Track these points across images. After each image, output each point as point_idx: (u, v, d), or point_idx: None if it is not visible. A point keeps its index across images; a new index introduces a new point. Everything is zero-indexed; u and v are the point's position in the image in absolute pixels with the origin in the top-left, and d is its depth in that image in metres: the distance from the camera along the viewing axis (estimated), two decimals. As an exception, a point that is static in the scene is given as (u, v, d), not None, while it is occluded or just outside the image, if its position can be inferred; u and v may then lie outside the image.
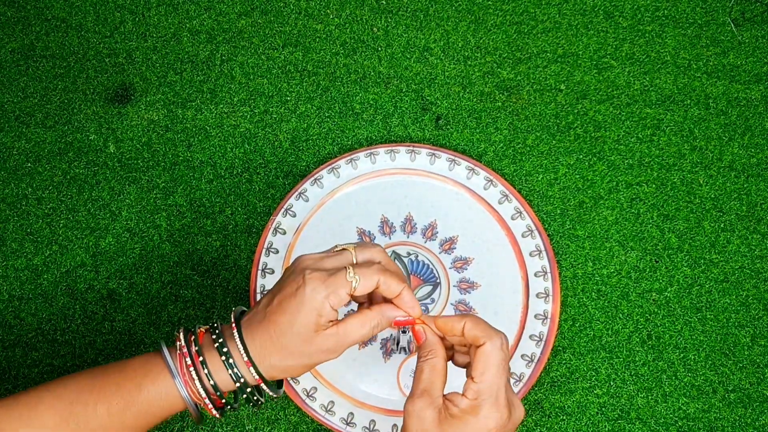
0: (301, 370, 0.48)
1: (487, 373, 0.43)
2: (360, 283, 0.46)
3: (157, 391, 0.47)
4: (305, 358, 0.47)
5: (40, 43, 0.76)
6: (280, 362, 0.47)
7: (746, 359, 0.64)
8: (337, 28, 0.77)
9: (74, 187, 0.71)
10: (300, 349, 0.46)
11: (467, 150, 0.72)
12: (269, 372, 0.47)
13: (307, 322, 0.45)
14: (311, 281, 0.46)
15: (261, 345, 0.47)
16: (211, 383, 0.47)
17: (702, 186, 0.70)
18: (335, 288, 0.46)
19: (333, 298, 0.45)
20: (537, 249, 0.67)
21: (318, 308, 0.45)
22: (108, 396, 0.47)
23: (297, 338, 0.46)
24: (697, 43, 0.76)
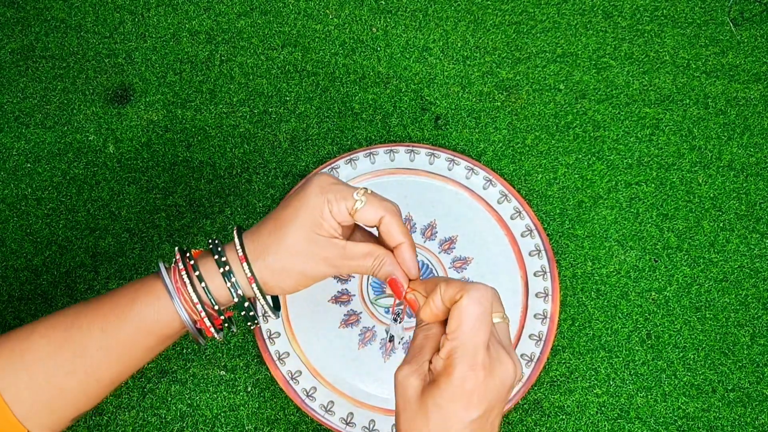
0: (296, 277, 0.45)
1: (460, 328, 0.38)
2: (364, 206, 0.45)
3: (151, 305, 0.45)
4: (303, 259, 0.45)
5: (40, 43, 0.76)
6: (277, 261, 0.45)
7: (745, 358, 0.64)
8: (336, 28, 0.77)
9: (74, 187, 0.71)
10: (299, 247, 0.45)
11: (466, 150, 0.72)
12: (264, 273, 0.45)
13: (310, 218, 0.44)
14: (318, 181, 0.45)
15: (260, 242, 0.45)
16: (205, 293, 0.45)
17: (701, 185, 0.70)
18: (339, 196, 0.45)
19: (334, 204, 0.45)
20: (536, 248, 0.67)
21: (320, 207, 0.44)
22: (103, 315, 0.45)
23: (298, 232, 0.45)
24: (696, 42, 0.76)
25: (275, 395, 0.63)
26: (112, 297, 0.46)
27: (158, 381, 0.63)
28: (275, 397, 0.63)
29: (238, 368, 0.64)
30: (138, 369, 0.48)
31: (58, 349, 0.44)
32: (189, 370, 0.64)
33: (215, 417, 0.62)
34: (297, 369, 0.63)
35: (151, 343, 0.46)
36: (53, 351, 0.44)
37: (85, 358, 0.45)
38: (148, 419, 0.62)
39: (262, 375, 0.64)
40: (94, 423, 0.62)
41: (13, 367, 0.44)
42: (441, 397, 0.38)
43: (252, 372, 0.64)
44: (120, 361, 0.46)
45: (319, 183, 0.45)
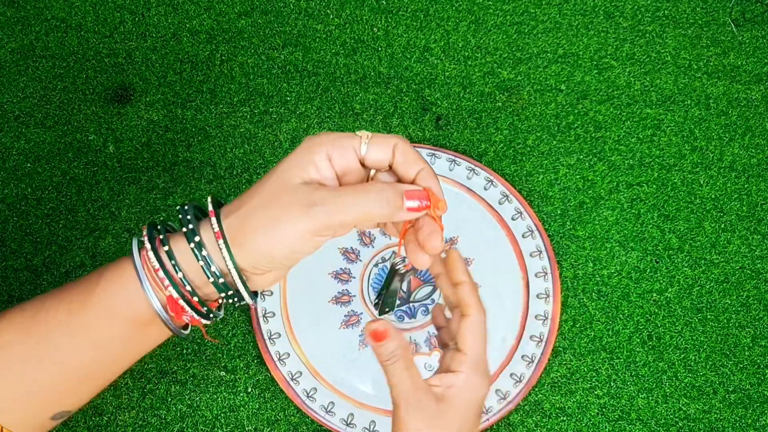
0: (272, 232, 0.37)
1: (478, 344, 0.42)
2: (371, 143, 0.37)
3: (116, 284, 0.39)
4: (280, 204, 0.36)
5: (40, 43, 0.76)
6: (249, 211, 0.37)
7: (747, 360, 0.64)
8: (337, 28, 0.77)
9: (74, 187, 0.70)
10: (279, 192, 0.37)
11: (467, 150, 0.72)
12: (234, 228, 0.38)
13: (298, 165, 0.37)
14: (312, 136, 0.38)
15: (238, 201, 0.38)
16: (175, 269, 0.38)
17: (702, 186, 0.70)
18: (339, 138, 0.37)
19: (333, 147, 0.37)
20: (537, 249, 0.66)
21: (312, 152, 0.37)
22: (68, 298, 0.40)
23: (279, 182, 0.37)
24: (698, 43, 0.76)
25: (275, 396, 0.63)
26: (80, 279, 0.41)
27: (158, 381, 0.63)
28: (275, 397, 0.63)
29: (239, 369, 0.64)
30: (123, 365, 0.43)
31: (26, 336, 0.40)
32: (189, 371, 0.64)
33: (215, 418, 0.62)
34: (297, 370, 0.63)
35: (122, 331, 0.40)
36: (20, 338, 0.40)
37: (50, 345, 0.40)
38: (148, 420, 0.62)
39: (263, 376, 0.64)
40: (93, 423, 0.62)
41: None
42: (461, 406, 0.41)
43: (252, 373, 0.64)
44: (90, 350, 0.41)
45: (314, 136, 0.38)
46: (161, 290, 0.39)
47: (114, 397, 0.63)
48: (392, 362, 0.42)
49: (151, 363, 0.63)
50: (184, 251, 0.39)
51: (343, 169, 0.38)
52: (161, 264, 0.38)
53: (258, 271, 0.39)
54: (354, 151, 0.37)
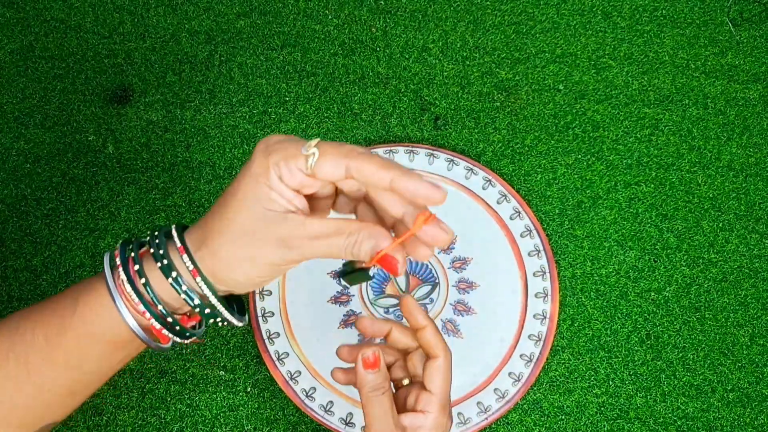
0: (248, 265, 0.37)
1: (446, 385, 0.44)
2: (318, 159, 0.35)
3: (92, 308, 0.39)
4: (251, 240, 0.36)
5: (39, 44, 0.76)
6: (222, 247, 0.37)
7: (745, 358, 0.64)
8: (336, 29, 0.77)
9: (73, 187, 0.71)
10: (246, 226, 0.36)
11: (466, 150, 0.72)
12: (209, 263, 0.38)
13: (255, 189, 0.36)
14: (262, 143, 0.37)
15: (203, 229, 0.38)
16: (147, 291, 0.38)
17: (700, 185, 0.70)
18: (286, 155, 0.35)
19: (282, 168, 0.35)
20: (536, 249, 0.67)
21: (265, 175, 0.35)
22: (45, 321, 0.40)
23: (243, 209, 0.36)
24: (696, 42, 0.76)
25: (275, 395, 0.63)
26: (57, 299, 0.41)
27: (157, 381, 0.63)
28: (275, 397, 0.63)
29: (238, 368, 0.64)
30: (105, 378, 0.43)
31: (4, 360, 0.39)
32: (188, 371, 0.64)
33: (215, 417, 0.62)
34: (296, 369, 0.63)
35: (104, 351, 0.40)
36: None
37: (30, 370, 0.40)
38: (147, 419, 0.62)
39: (262, 375, 0.64)
40: (93, 423, 0.62)
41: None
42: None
43: (251, 372, 0.64)
44: (71, 371, 0.40)
45: (264, 144, 0.36)
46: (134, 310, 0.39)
47: (113, 397, 0.63)
48: (376, 395, 0.43)
49: (151, 363, 0.64)
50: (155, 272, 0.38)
51: (299, 185, 0.36)
52: (133, 287, 0.38)
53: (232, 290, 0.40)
54: (302, 172, 0.36)
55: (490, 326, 0.65)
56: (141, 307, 0.38)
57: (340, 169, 0.35)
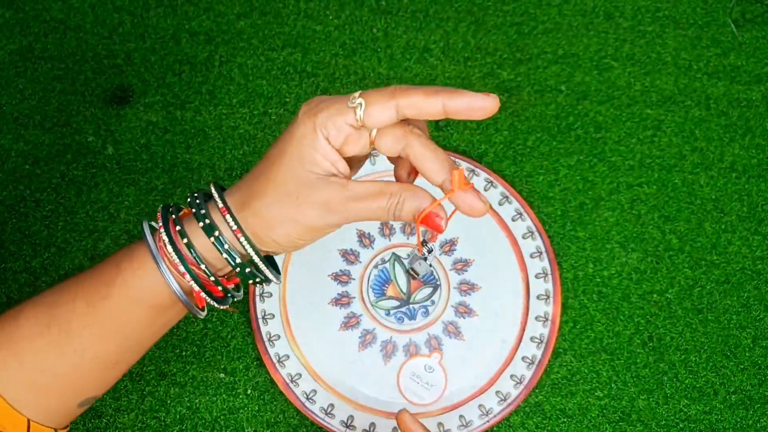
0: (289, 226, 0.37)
1: None
2: (367, 109, 0.35)
3: (135, 272, 0.39)
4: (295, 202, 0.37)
5: (39, 44, 0.76)
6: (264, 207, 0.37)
7: (748, 361, 0.64)
8: (337, 29, 0.77)
9: (73, 189, 0.70)
10: (289, 187, 0.37)
11: (467, 151, 0.72)
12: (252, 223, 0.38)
13: (299, 151, 0.36)
14: (306, 105, 0.37)
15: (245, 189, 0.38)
16: (189, 251, 0.38)
17: (703, 187, 0.70)
18: (331, 115, 0.35)
19: (329, 126, 0.35)
20: (537, 250, 0.66)
21: (310, 136, 0.36)
22: (87, 288, 0.40)
23: (287, 171, 0.37)
24: (698, 43, 0.76)
25: (275, 398, 0.63)
26: (97, 268, 0.41)
27: (157, 384, 0.63)
28: (275, 400, 0.63)
29: (238, 371, 0.63)
30: (147, 346, 0.43)
31: (45, 329, 0.40)
32: (188, 373, 0.63)
33: (215, 420, 0.62)
34: (297, 372, 0.62)
35: (146, 316, 0.41)
36: (40, 330, 0.40)
37: (72, 337, 0.40)
38: (147, 422, 0.62)
39: (262, 378, 0.63)
40: (92, 426, 0.62)
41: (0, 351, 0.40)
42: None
43: (252, 375, 0.63)
44: (113, 337, 0.41)
45: (307, 106, 0.37)
46: (176, 271, 0.39)
47: (113, 400, 0.63)
48: None
49: (150, 365, 0.63)
50: (197, 233, 0.39)
51: (343, 143, 0.36)
52: (175, 248, 0.38)
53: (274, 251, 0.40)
54: (348, 126, 0.36)
55: (492, 328, 0.64)
56: (181, 268, 0.38)
57: (390, 110, 0.35)
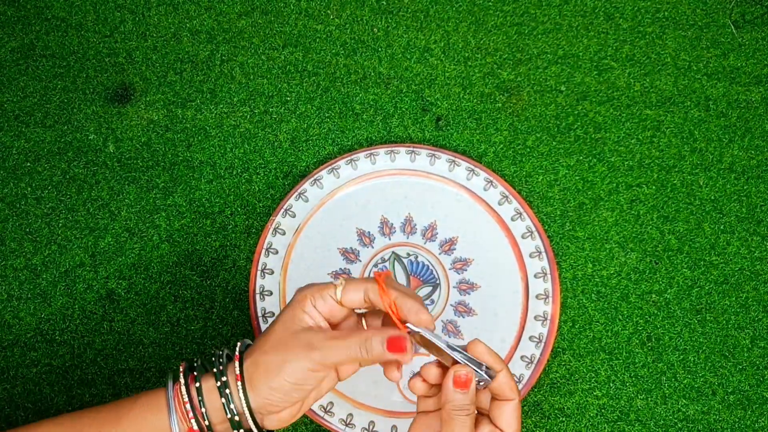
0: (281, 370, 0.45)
1: (517, 424, 0.45)
2: (345, 288, 0.46)
3: (147, 411, 0.46)
4: (285, 348, 0.45)
5: (40, 42, 0.76)
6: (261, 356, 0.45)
7: (746, 361, 0.64)
8: (338, 29, 0.77)
9: (73, 186, 0.70)
10: (282, 338, 0.46)
11: (467, 151, 0.72)
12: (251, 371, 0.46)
13: (291, 313, 0.46)
14: (297, 291, 0.48)
15: (252, 349, 0.47)
16: (206, 423, 0.46)
17: (702, 188, 0.70)
18: (320, 290, 0.47)
19: (318, 298, 0.46)
20: (537, 250, 0.66)
21: (301, 303, 0.46)
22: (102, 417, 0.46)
23: (282, 329, 0.46)
24: (698, 44, 0.76)
25: (275, 396, 0.63)
26: (114, 404, 0.48)
27: (157, 381, 0.63)
28: (275, 397, 0.63)
29: (238, 369, 0.64)
30: None
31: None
32: (188, 371, 0.63)
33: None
34: (296, 370, 0.63)
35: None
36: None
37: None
38: (147, 419, 0.62)
39: (262, 376, 0.63)
40: (92, 423, 0.62)
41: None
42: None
43: None
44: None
45: (300, 288, 0.48)
46: (185, 422, 0.46)
47: (113, 397, 0.63)
48: (461, 414, 0.44)
49: (151, 363, 0.63)
50: (210, 390, 0.46)
51: (329, 312, 0.47)
52: (190, 399, 0.46)
53: (273, 408, 0.46)
54: (331, 298, 0.46)
55: (491, 327, 0.65)
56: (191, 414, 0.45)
57: (359, 293, 0.46)
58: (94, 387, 0.63)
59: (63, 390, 0.63)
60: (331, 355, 0.45)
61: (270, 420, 0.47)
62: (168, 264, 0.67)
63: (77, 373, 0.63)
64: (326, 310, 0.47)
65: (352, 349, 0.45)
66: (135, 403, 0.47)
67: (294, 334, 0.45)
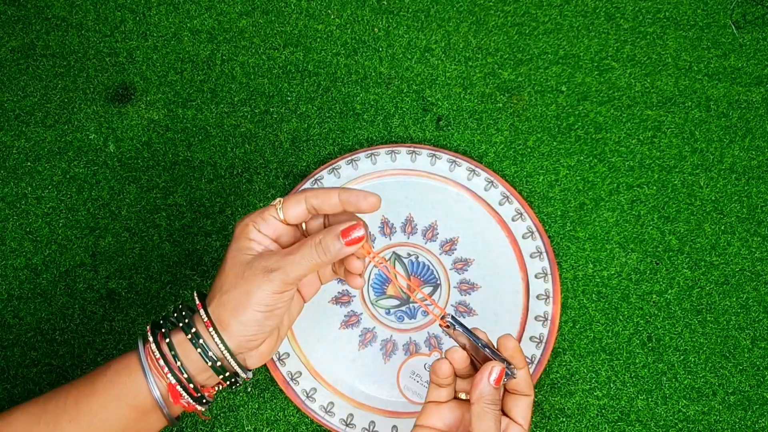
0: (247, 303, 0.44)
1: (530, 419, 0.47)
2: (284, 206, 0.45)
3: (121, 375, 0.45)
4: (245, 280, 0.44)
5: (41, 41, 0.76)
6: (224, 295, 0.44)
7: (746, 362, 0.64)
8: (338, 29, 0.77)
9: (74, 186, 0.70)
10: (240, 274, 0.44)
11: (468, 151, 0.72)
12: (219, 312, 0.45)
13: (241, 247, 0.45)
14: (238, 222, 0.46)
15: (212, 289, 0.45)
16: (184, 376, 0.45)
17: (703, 188, 0.70)
18: (259, 214, 0.45)
19: (259, 222, 0.45)
20: (537, 250, 0.66)
21: (246, 233, 0.45)
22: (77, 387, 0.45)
23: (234, 263, 0.44)
24: (699, 45, 0.76)
25: (275, 396, 0.63)
26: (90, 373, 0.46)
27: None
28: (275, 398, 0.63)
29: (238, 369, 0.64)
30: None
31: (35, 423, 0.44)
32: (189, 371, 0.63)
33: (214, 418, 0.62)
34: (297, 370, 0.63)
35: (126, 416, 0.45)
36: (29, 424, 0.44)
37: (58, 429, 0.44)
38: (147, 419, 0.62)
39: (262, 375, 0.63)
40: (93, 423, 0.62)
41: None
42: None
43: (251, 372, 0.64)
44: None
45: (238, 221, 0.47)
46: (162, 379, 0.45)
47: (113, 397, 0.63)
48: (493, 409, 0.45)
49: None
50: (182, 343, 0.45)
51: (275, 234, 0.46)
52: (162, 355, 0.44)
53: (251, 344, 0.45)
54: (274, 219, 0.45)
55: (491, 328, 0.64)
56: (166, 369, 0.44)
57: (301, 205, 0.45)
58: (94, 387, 0.63)
59: (63, 390, 0.63)
60: (291, 270, 0.43)
61: (251, 357, 0.46)
62: (168, 264, 0.67)
63: (77, 373, 0.63)
64: (271, 231, 0.45)
65: (310, 255, 0.44)
66: (108, 369, 0.45)
67: (247, 264, 0.44)
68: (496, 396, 0.45)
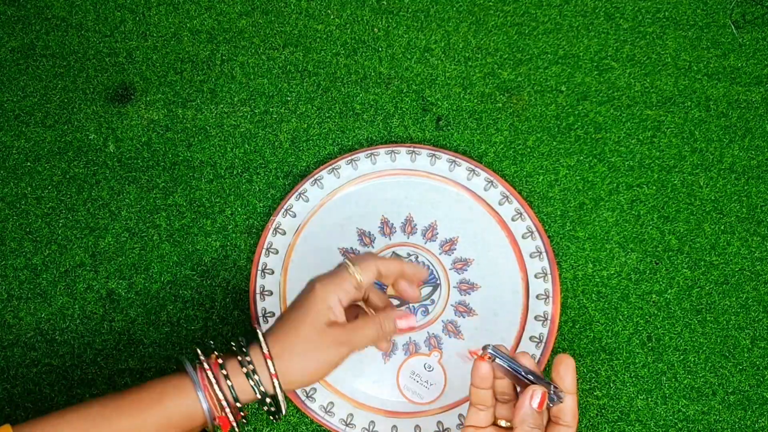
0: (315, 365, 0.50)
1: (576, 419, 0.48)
2: (361, 273, 0.52)
3: (177, 401, 0.48)
4: (318, 347, 0.50)
5: (40, 42, 0.76)
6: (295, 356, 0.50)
7: (746, 361, 0.64)
8: (338, 29, 0.77)
9: (74, 186, 0.70)
10: (314, 340, 0.50)
11: (468, 151, 0.72)
12: (285, 367, 0.50)
13: (319, 313, 0.50)
14: (319, 280, 0.52)
15: (279, 341, 0.50)
16: (230, 391, 0.49)
17: (702, 188, 0.70)
18: (340, 281, 0.51)
19: (340, 291, 0.51)
20: (537, 250, 0.66)
21: (327, 301, 0.50)
22: (129, 407, 0.48)
23: (311, 329, 0.50)
24: (698, 45, 0.76)
25: (275, 396, 0.63)
26: (139, 391, 0.49)
27: (157, 381, 0.63)
28: (275, 397, 0.63)
29: (238, 369, 0.64)
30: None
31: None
32: (188, 371, 0.63)
33: (214, 417, 0.62)
34: (297, 370, 0.63)
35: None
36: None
37: None
38: (147, 419, 0.62)
39: (262, 376, 0.63)
40: (92, 423, 0.62)
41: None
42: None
43: (252, 372, 0.64)
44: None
45: (321, 282, 0.52)
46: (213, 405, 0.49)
47: (113, 397, 0.63)
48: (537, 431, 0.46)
49: (151, 363, 0.63)
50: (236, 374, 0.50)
51: (347, 302, 0.52)
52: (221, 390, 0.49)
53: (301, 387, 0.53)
54: (353, 287, 0.52)
55: (491, 328, 0.65)
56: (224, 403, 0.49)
57: (374, 270, 0.52)
58: (94, 387, 0.63)
59: (63, 390, 0.63)
60: (358, 344, 0.52)
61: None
62: (168, 264, 0.67)
63: (77, 373, 0.63)
64: (347, 301, 0.51)
65: (373, 334, 0.52)
66: (163, 393, 0.48)
67: (322, 332, 0.50)
68: (539, 420, 0.45)
